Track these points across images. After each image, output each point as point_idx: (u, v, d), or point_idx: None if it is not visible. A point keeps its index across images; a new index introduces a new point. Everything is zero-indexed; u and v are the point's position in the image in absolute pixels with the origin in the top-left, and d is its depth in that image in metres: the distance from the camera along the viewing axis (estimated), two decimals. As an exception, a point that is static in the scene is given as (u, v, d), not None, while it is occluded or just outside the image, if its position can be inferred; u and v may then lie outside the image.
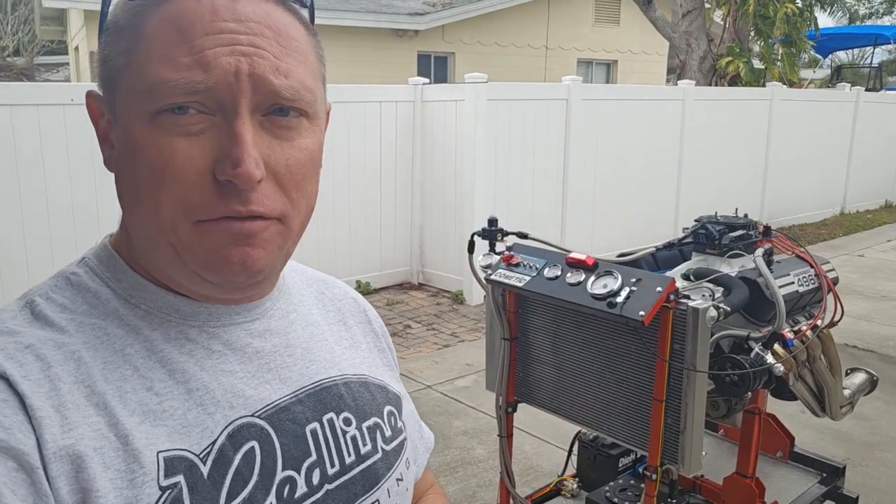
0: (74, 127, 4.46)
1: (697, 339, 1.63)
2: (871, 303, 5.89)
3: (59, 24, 13.34)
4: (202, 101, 0.59)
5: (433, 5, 13.49)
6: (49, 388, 0.58)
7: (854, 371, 2.49)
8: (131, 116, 0.61)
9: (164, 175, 0.60)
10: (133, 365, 0.63)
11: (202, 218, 0.60)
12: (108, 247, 0.70)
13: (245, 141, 0.59)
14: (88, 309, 0.65)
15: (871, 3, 32.96)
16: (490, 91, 5.85)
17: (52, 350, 0.60)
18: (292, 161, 0.63)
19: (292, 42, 0.63)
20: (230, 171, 0.59)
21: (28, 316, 0.63)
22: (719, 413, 2.01)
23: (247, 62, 0.60)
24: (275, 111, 0.62)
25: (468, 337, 5.12)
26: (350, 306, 0.88)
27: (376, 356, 0.86)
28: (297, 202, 0.65)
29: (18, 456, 0.54)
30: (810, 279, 2.11)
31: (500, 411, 2.10)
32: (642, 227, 7.06)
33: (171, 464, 0.60)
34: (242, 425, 0.66)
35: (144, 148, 0.60)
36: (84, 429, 0.58)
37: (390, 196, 6.24)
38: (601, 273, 1.70)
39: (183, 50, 0.59)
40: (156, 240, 0.63)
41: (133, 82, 0.61)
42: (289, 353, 0.73)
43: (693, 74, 9.95)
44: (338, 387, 0.76)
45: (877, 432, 3.60)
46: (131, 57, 0.61)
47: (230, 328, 0.70)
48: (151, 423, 0.61)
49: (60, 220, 4.53)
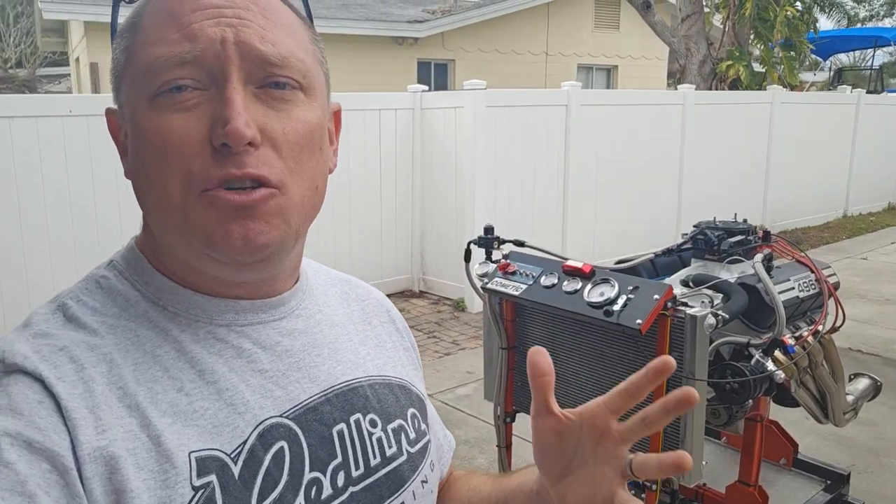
0: (73, 138, 4.46)
1: (696, 346, 1.61)
2: (874, 306, 5.85)
3: (60, 36, 13.39)
4: (194, 75, 0.61)
5: (433, 13, 13.52)
6: (83, 389, 0.59)
7: (857, 376, 2.47)
8: (135, 106, 0.63)
9: (165, 151, 0.61)
10: (163, 366, 0.63)
11: (203, 188, 0.61)
12: (135, 248, 0.71)
13: (234, 101, 0.60)
14: (118, 311, 0.66)
15: (871, 5, 32.98)
16: (489, 98, 5.84)
17: (85, 352, 0.61)
18: (289, 130, 0.63)
19: (278, 17, 0.65)
20: (221, 132, 0.59)
21: (61, 318, 0.64)
22: (720, 421, 1.98)
23: (232, 31, 0.61)
24: (269, 84, 0.63)
25: (469, 345, 5.09)
26: (373, 306, 0.88)
27: (401, 355, 0.86)
28: (296, 173, 0.64)
29: (53, 457, 0.55)
30: (811, 284, 2.09)
31: (499, 421, 2.08)
32: (644, 232, 7.03)
33: (203, 464, 0.60)
34: (272, 425, 0.66)
35: (147, 131, 0.62)
36: (117, 430, 0.58)
37: (390, 203, 6.23)
38: (598, 281, 1.68)
39: (172, 28, 0.61)
40: (166, 223, 0.64)
41: (133, 72, 0.63)
42: (316, 353, 0.73)
43: (693, 78, 9.94)
44: (363, 388, 0.76)
45: (882, 437, 3.57)
46: (131, 50, 0.64)
47: (258, 327, 0.70)
48: (183, 423, 0.61)
49: (60, 227, 4.53)
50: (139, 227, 0.72)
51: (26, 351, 0.60)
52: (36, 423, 0.56)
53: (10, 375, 0.58)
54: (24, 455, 0.54)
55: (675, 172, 7.56)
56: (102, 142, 4.63)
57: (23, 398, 0.57)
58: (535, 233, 6.11)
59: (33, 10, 15.36)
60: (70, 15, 10.07)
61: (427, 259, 6.45)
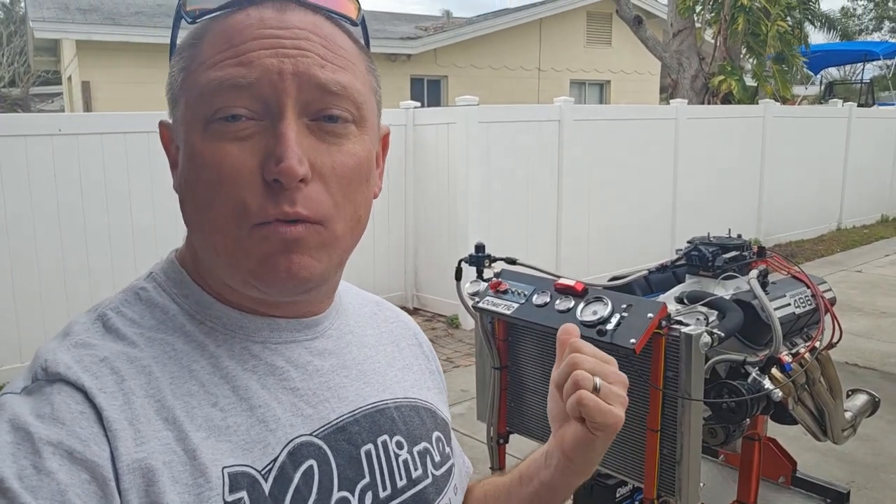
0: (63, 156, 4.44)
1: (691, 366, 1.57)
2: (870, 319, 5.83)
3: (52, 55, 13.39)
4: (248, 104, 0.61)
5: (425, 29, 13.58)
6: (123, 401, 0.60)
7: (855, 392, 2.44)
8: (189, 128, 0.64)
9: (218, 179, 0.62)
10: (199, 381, 0.64)
11: (257, 221, 0.61)
12: (175, 262, 0.72)
13: (288, 138, 0.60)
14: (157, 324, 0.66)
15: (860, 20, 33.31)
16: (482, 114, 5.84)
17: (125, 364, 0.62)
18: (339, 164, 0.64)
19: (339, 49, 0.65)
20: (274, 169, 0.60)
21: (100, 329, 0.65)
22: (717, 440, 1.95)
23: (290, 62, 0.62)
24: (323, 118, 0.63)
25: (463, 362, 5.05)
26: (401, 329, 0.89)
27: (427, 378, 0.87)
28: (342, 207, 0.65)
29: (93, 468, 0.55)
30: (807, 300, 2.06)
31: (492, 443, 2.04)
32: (638, 247, 7.02)
33: (235, 479, 0.61)
34: (302, 444, 0.67)
35: (200, 155, 0.63)
36: (155, 443, 0.59)
37: (384, 220, 6.20)
38: (591, 299, 1.65)
39: (229, 53, 0.62)
40: (214, 247, 0.65)
41: (189, 93, 0.64)
42: (345, 374, 0.74)
43: (685, 93, 9.97)
44: (390, 410, 0.76)
45: (881, 453, 3.53)
46: (187, 72, 0.65)
47: (291, 345, 0.71)
48: (216, 438, 0.62)
49: (50, 245, 4.48)
50: (132, 242, 0.72)
51: (68, 361, 0.60)
52: (77, 433, 0.56)
53: (52, 384, 0.59)
54: (65, 464, 0.55)
55: (669, 186, 7.56)
56: (93, 161, 4.63)
57: (65, 408, 0.57)
58: (529, 248, 6.09)
59: (26, 30, 15.38)
60: (62, 34, 10.08)
61: (420, 275, 6.42)
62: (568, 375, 0.70)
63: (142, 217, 4.62)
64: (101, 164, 4.55)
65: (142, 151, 4.64)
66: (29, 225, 4.40)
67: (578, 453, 0.72)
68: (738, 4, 9.54)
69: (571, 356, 0.71)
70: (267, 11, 0.64)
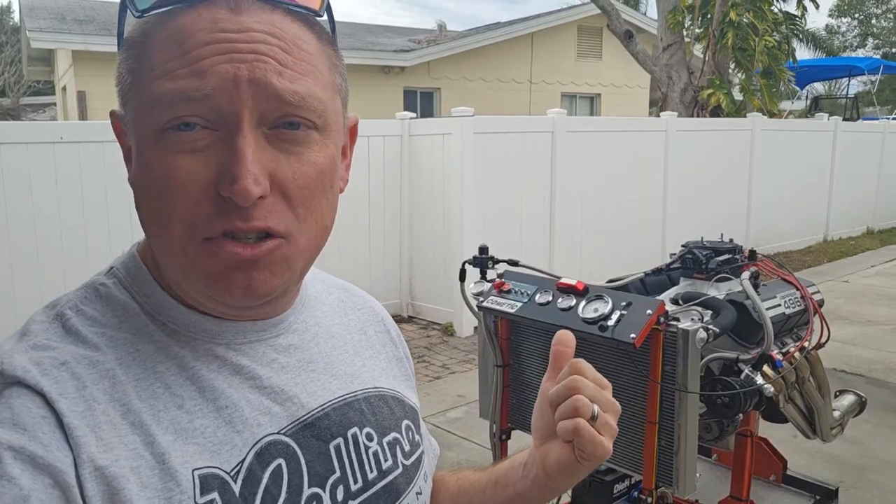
0: (64, 164, 4.49)
1: (688, 360, 1.65)
2: (857, 328, 5.94)
3: (46, 65, 13.41)
4: (204, 113, 0.58)
5: (419, 42, 13.70)
6: (84, 407, 0.58)
7: (843, 393, 2.51)
8: (140, 136, 0.61)
9: (169, 193, 0.59)
10: (164, 383, 0.63)
11: (207, 235, 0.60)
12: (136, 257, 0.69)
13: (244, 157, 0.58)
14: (118, 322, 0.65)
15: (844, 37, 33.79)
16: (477, 125, 5.92)
17: (86, 368, 0.60)
18: (299, 175, 0.61)
19: (300, 52, 0.61)
20: (229, 188, 0.58)
21: (59, 330, 0.63)
22: (712, 435, 2.02)
23: (246, 68, 0.58)
24: (283, 125, 0.61)
25: (459, 369, 5.11)
26: (369, 315, 0.88)
27: (394, 366, 0.86)
28: (304, 218, 0.63)
29: (55, 473, 0.54)
30: (796, 301, 2.15)
31: (495, 439, 2.10)
32: (630, 254, 7.10)
33: (206, 481, 0.60)
34: (269, 443, 0.66)
35: (152, 167, 0.60)
36: (120, 449, 0.58)
37: (379, 229, 6.27)
38: (592, 298, 1.72)
39: (181, 62, 0.58)
40: (168, 258, 0.63)
41: (139, 101, 0.61)
42: (311, 369, 0.73)
43: (675, 106, 10.11)
44: (359, 402, 0.76)
45: (868, 455, 3.62)
46: (136, 76, 0.61)
47: (256, 345, 0.69)
48: (184, 441, 0.61)
49: (49, 252, 4.52)
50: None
51: (26, 364, 0.58)
52: (39, 438, 0.55)
53: (10, 388, 0.57)
54: (27, 470, 0.53)
55: (660, 198, 7.66)
56: (93, 168, 4.67)
57: (26, 412, 0.56)
58: (523, 256, 6.10)
59: (18, 39, 15.38)
60: (58, 44, 10.12)
61: (415, 284, 6.48)
62: (566, 397, 0.68)
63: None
64: (101, 172, 4.60)
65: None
66: (30, 230, 4.44)
67: (560, 475, 0.71)
68: (727, 20, 9.71)
69: (573, 379, 0.69)
70: (220, 11, 0.59)
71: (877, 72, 16.69)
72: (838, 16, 34.05)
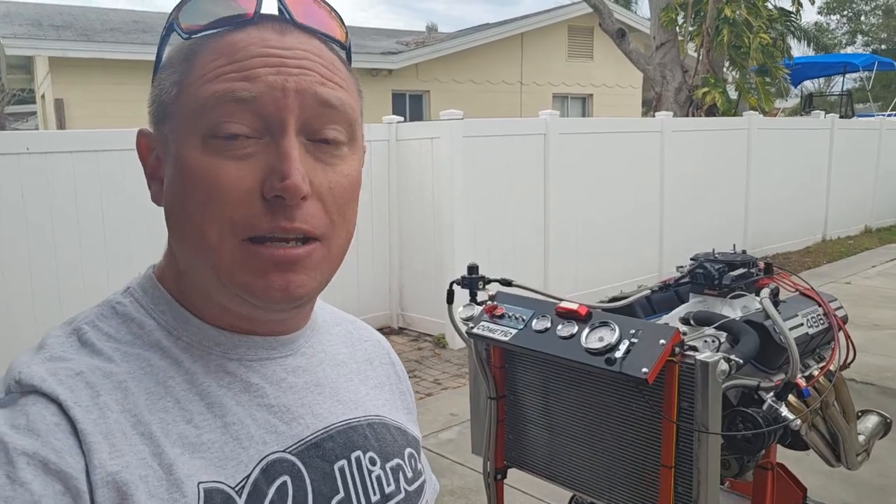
0: (30, 175, 4.26)
1: (708, 396, 1.44)
2: (863, 332, 5.73)
3: (26, 73, 13.13)
4: (249, 122, 0.62)
5: (407, 44, 13.51)
6: (98, 414, 0.59)
7: (865, 413, 2.32)
8: (183, 142, 0.63)
9: (211, 194, 0.62)
10: (175, 397, 0.64)
11: (249, 235, 0.62)
12: (153, 278, 0.72)
13: (293, 157, 0.61)
14: (132, 339, 0.66)
15: (833, 34, 33.80)
16: (466, 128, 5.73)
17: (100, 378, 0.62)
18: (335, 184, 0.65)
19: (337, 70, 0.67)
20: (278, 185, 0.61)
21: (75, 343, 0.65)
22: (731, 472, 1.81)
23: (293, 80, 0.63)
24: (320, 140, 0.65)
25: (452, 384, 4.89)
26: (375, 347, 0.90)
27: (397, 399, 0.87)
28: (337, 225, 0.66)
29: (67, 479, 0.55)
30: (819, 319, 1.95)
31: (489, 479, 1.89)
32: (626, 258, 6.93)
33: (210, 495, 0.61)
34: (275, 460, 0.67)
35: (194, 170, 0.62)
36: (130, 457, 0.59)
37: (367, 237, 6.05)
38: (596, 324, 1.52)
39: (232, 67, 0.62)
40: (201, 262, 0.65)
41: (184, 107, 0.64)
42: (318, 392, 0.75)
43: (669, 106, 9.94)
44: (363, 427, 0.77)
45: (887, 475, 3.42)
46: (182, 86, 0.64)
47: (266, 363, 0.71)
48: (191, 454, 0.62)
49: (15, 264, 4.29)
50: (106, 261, 0.60)
51: (43, 373, 0.60)
52: (52, 444, 0.56)
53: (26, 396, 0.59)
54: (39, 475, 0.55)
55: (656, 200, 7.48)
56: (61, 180, 4.45)
57: (40, 419, 0.58)
58: (517, 262, 5.97)
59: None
60: (35, 51, 9.87)
61: (406, 294, 6.27)
62: None
63: (115, 237, 4.46)
64: (72, 185, 4.38)
65: (115, 170, 4.48)
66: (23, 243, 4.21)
67: None
68: (721, 17, 9.55)
69: None
70: (268, 33, 0.65)
71: (871, 68, 16.59)
72: (827, 13, 34.06)
